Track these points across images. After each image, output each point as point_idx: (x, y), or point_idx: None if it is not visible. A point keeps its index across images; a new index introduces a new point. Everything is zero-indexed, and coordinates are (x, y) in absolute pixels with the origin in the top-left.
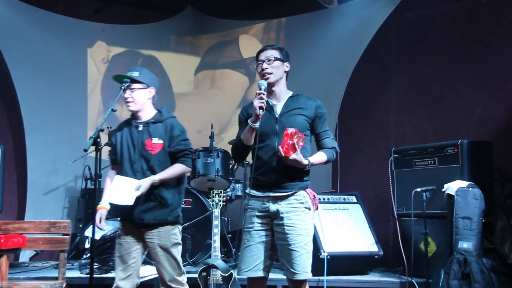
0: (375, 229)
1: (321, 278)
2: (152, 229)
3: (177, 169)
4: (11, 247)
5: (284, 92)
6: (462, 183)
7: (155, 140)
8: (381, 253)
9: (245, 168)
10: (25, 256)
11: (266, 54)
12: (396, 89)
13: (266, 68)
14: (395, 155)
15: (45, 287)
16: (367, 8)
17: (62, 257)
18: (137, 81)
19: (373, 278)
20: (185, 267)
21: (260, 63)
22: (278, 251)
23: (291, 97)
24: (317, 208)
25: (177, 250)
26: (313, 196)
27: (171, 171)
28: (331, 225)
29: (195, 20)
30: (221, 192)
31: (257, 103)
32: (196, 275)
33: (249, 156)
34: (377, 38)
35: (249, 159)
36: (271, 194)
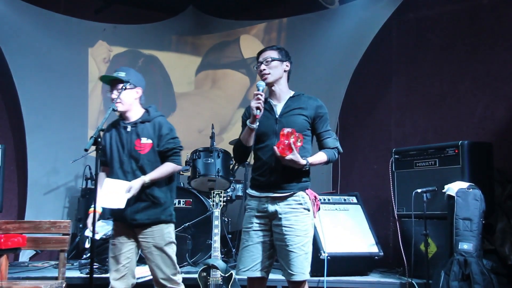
0: (376, 230)
1: (321, 278)
2: (146, 228)
3: (167, 168)
4: (11, 246)
5: (284, 92)
6: (462, 184)
7: (144, 140)
8: (381, 254)
9: (246, 169)
10: (25, 255)
11: (264, 55)
12: (397, 89)
13: (264, 69)
14: (395, 156)
15: (45, 287)
16: (369, 8)
17: (62, 257)
18: (123, 82)
19: (373, 279)
20: (185, 268)
21: (259, 64)
22: (277, 251)
23: (292, 97)
24: (319, 209)
25: (171, 249)
26: (314, 197)
27: (161, 170)
28: (331, 225)
29: (196, 20)
30: (221, 192)
31: (253, 103)
32: (196, 276)
33: (251, 157)
34: (378, 38)
35: (250, 159)
36: (270, 195)
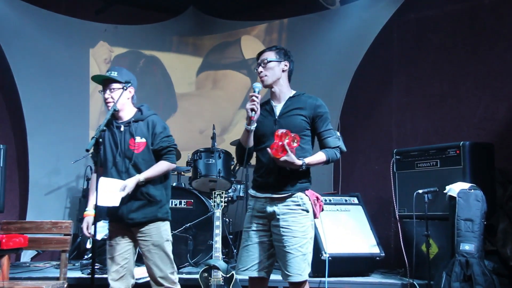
0: (377, 231)
1: (322, 279)
2: (143, 227)
3: (161, 166)
4: (13, 247)
5: (284, 92)
6: (464, 185)
7: (138, 139)
8: (383, 254)
9: (247, 169)
10: (26, 256)
11: (262, 57)
12: (398, 90)
13: (261, 72)
14: (397, 157)
15: (46, 287)
16: (369, 9)
17: (64, 257)
18: (116, 81)
19: (374, 280)
20: (186, 268)
21: (258, 66)
22: (276, 252)
23: (292, 97)
24: (322, 209)
25: (169, 246)
26: (316, 197)
27: (156, 169)
28: (332, 226)
29: (197, 20)
30: (222, 193)
31: (248, 105)
32: (197, 276)
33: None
34: (379, 39)
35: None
36: (269, 195)
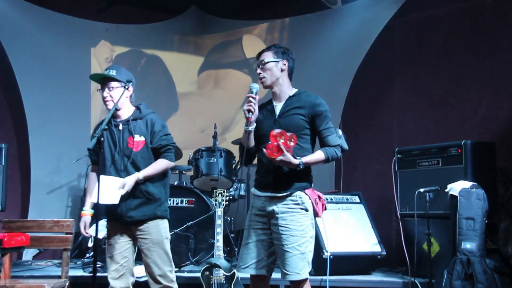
0: (378, 229)
1: (323, 277)
2: (142, 225)
3: (160, 164)
4: (15, 245)
5: (285, 91)
6: (465, 184)
7: (137, 138)
8: (384, 253)
9: (248, 168)
10: (28, 254)
11: (260, 58)
12: (400, 89)
13: (260, 73)
14: (398, 156)
15: (48, 285)
16: (371, 8)
17: (65, 255)
18: (114, 80)
19: (375, 278)
20: (187, 267)
21: (257, 67)
22: (275, 250)
23: (292, 96)
24: (325, 208)
25: (168, 245)
26: (318, 196)
27: (155, 167)
28: (334, 225)
29: (199, 20)
30: (224, 192)
31: (245, 106)
32: (199, 275)
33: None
34: (381, 38)
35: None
36: (269, 194)
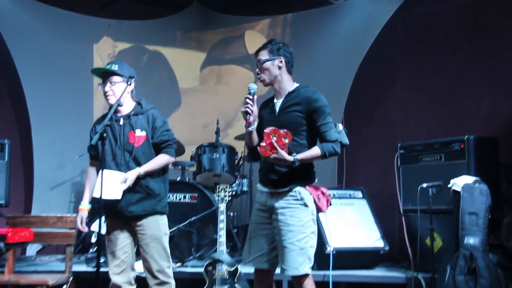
0: (381, 225)
1: (326, 272)
2: (141, 220)
3: (161, 160)
4: (18, 240)
5: (285, 88)
6: (468, 179)
7: (138, 133)
8: (387, 248)
9: (251, 164)
10: (32, 249)
11: (257, 57)
12: (402, 85)
13: (258, 73)
14: (401, 151)
15: (52, 280)
16: (374, 3)
17: (69, 251)
18: (116, 74)
19: (378, 273)
20: (190, 262)
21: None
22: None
23: (291, 92)
24: (330, 204)
25: (166, 240)
26: (321, 192)
27: (156, 162)
28: (336, 220)
29: (201, 15)
30: (227, 187)
31: (242, 109)
32: (202, 270)
33: None
34: (383, 34)
35: None
36: (270, 190)
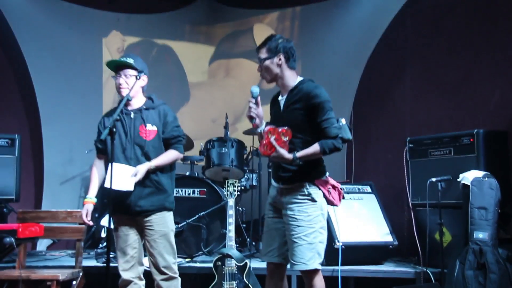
0: (390, 219)
1: (335, 267)
2: (149, 216)
3: (171, 155)
4: (29, 236)
5: (288, 84)
6: (477, 173)
7: (149, 127)
8: (396, 243)
9: (260, 158)
10: (42, 245)
11: (258, 55)
12: (412, 78)
13: (260, 72)
14: (410, 145)
15: (62, 275)
16: None
17: (79, 246)
18: (131, 67)
19: (387, 268)
20: (200, 257)
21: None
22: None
23: (293, 88)
24: (343, 197)
25: (173, 236)
26: (332, 186)
27: (166, 157)
28: (345, 215)
29: (210, 9)
30: (235, 182)
31: (247, 113)
32: (211, 265)
33: None
34: (393, 26)
35: None
36: (280, 186)
